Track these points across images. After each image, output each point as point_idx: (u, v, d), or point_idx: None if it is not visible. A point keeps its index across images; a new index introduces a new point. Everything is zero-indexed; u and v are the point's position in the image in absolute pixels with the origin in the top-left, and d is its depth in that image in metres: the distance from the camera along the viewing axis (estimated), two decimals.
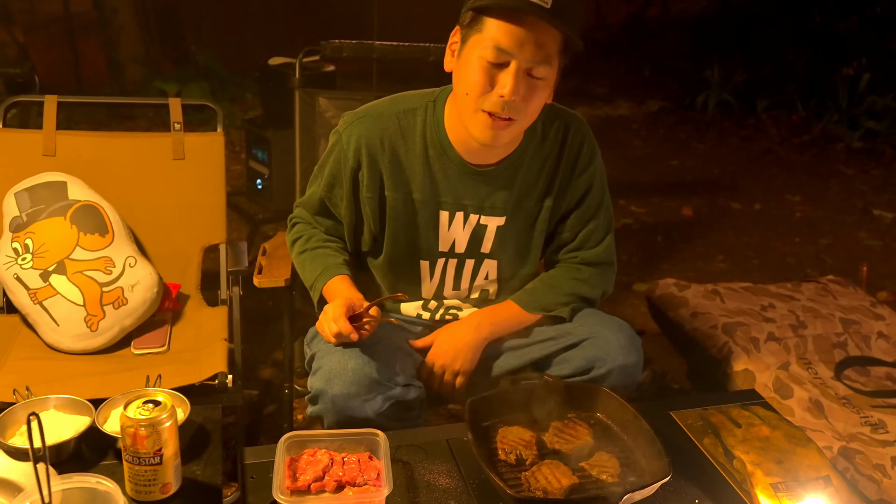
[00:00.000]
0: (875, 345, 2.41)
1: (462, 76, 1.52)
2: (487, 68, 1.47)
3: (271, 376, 2.69)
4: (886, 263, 3.87)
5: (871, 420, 2.06)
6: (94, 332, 1.97)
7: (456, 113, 1.59)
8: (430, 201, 1.67)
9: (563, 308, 1.73)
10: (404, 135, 1.64)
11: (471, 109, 1.52)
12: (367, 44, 2.36)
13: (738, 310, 2.47)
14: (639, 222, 4.29)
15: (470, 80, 1.49)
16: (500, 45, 1.44)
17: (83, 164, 2.18)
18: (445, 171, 1.65)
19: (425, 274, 1.76)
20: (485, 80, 1.47)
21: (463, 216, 1.69)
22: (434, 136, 1.64)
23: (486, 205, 1.69)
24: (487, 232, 1.72)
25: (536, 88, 1.50)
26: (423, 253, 1.73)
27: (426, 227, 1.70)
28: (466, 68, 1.50)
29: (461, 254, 1.74)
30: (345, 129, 1.66)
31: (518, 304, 1.75)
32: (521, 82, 1.47)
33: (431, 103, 1.66)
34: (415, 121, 1.65)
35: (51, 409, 1.45)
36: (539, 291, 1.76)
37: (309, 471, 1.36)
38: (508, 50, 1.44)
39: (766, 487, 1.39)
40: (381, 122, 1.64)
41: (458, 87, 1.54)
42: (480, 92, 1.48)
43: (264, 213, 3.91)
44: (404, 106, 1.66)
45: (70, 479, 1.20)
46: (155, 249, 2.21)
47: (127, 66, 5.69)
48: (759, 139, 5.85)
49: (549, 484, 1.36)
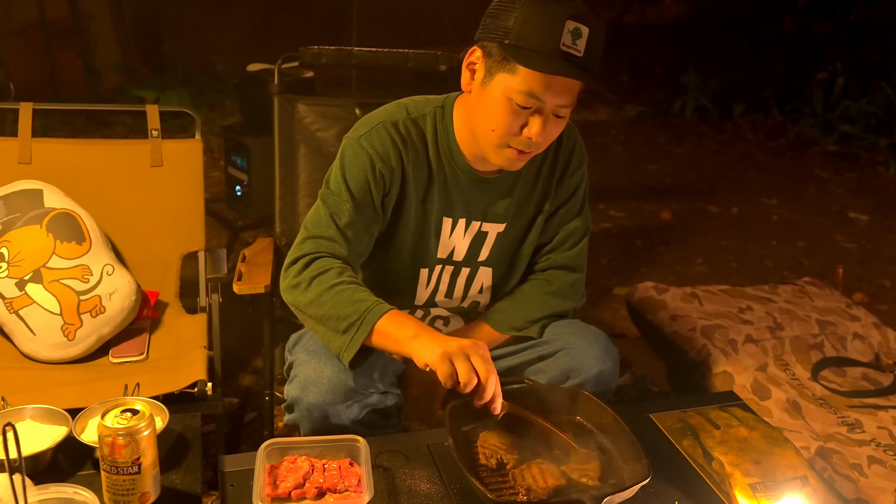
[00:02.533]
0: (851, 345, 2.44)
1: (488, 111, 1.50)
2: (518, 111, 1.47)
3: (252, 383, 2.68)
4: (862, 265, 3.92)
5: (847, 420, 2.08)
6: (72, 341, 1.95)
7: (465, 123, 1.59)
8: (439, 208, 1.66)
9: (533, 327, 1.73)
10: (418, 141, 1.62)
11: (494, 144, 1.52)
12: (346, 50, 2.36)
13: (717, 312, 2.49)
14: (618, 226, 4.31)
15: (498, 121, 1.49)
16: (533, 93, 1.44)
17: (59, 171, 2.17)
18: (455, 178, 1.65)
19: (423, 281, 1.75)
20: (514, 122, 1.48)
21: (465, 223, 1.69)
22: (444, 143, 1.63)
23: (489, 211, 1.69)
24: (487, 239, 1.72)
25: (560, 124, 1.52)
26: (424, 260, 1.72)
27: (431, 234, 1.69)
28: (493, 106, 1.49)
29: (458, 262, 1.74)
30: (362, 136, 1.60)
31: (488, 324, 1.75)
32: (549, 124, 1.49)
33: (440, 109, 1.64)
34: (426, 127, 1.63)
35: (27, 420, 1.43)
36: (509, 310, 1.76)
37: (289, 478, 1.35)
38: (541, 97, 1.44)
39: (745, 488, 1.40)
40: (396, 129, 1.61)
41: (482, 121, 1.52)
42: (507, 131, 1.49)
43: (244, 220, 3.89)
44: (415, 112, 1.64)
45: (47, 490, 1.19)
46: (133, 257, 2.20)
47: (104, 73, 5.64)
48: (737, 143, 5.91)
49: (535, 483, 1.37)
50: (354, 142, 1.60)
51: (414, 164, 1.62)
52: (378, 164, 1.58)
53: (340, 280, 1.51)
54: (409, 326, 1.45)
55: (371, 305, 1.47)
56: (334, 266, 1.53)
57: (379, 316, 1.46)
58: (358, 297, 1.49)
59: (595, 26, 1.42)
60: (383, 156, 1.58)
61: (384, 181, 1.59)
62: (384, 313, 1.47)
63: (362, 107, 2.32)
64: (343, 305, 1.48)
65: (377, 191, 1.59)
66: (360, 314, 1.47)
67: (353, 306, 1.47)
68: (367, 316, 1.46)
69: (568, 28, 1.39)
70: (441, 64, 2.35)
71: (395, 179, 1.61)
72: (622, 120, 6.35)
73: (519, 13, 1.42)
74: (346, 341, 1.48)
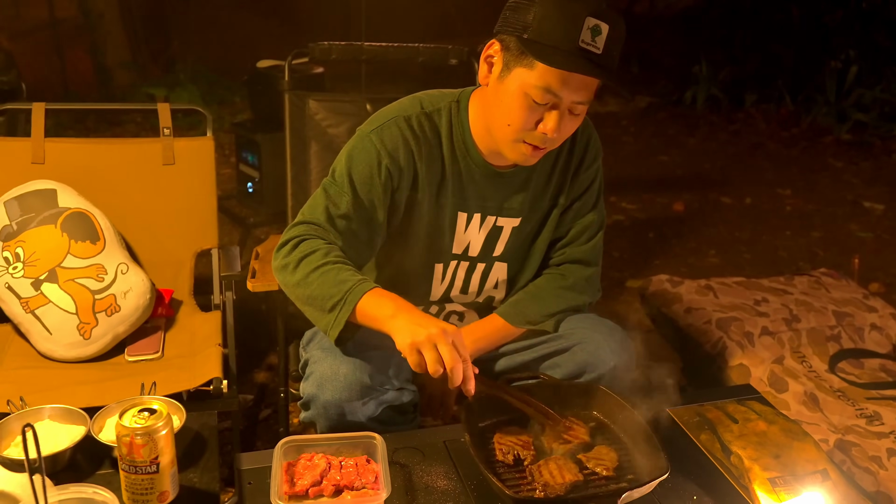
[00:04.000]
0: (868, 337, 2.42)
1: (504, 106, 1.50)
2: (534, 106, 1.46)
3: (266, 380, 2.68)
4: (878, 255, 3.89)
5: (866, 412, 2.07)
6: (87, 340, 1.96)
7: (481, 118, 1.58)
8: (453, 203, 1.66)
9: (549, 321, 1.72)
10: (432, 136, 1.62)
11: (510, 139, 1.52)
12: (356, 45, 2.36)
13: (732, 305, 2.48)
14: (630, 219, 4.30)
15: (514, 115, 1.48)
16: (550, 89, 1.43)
17: (72, 171, 2.17)
18: (470, 173, 1.64)
19: (437, 276, 1.75)
20: (530, 117, 1.47)
21: (480, 217, 1.68)
22: (459, 138, 1.63)
23: (504, 206, 1.68)
24: (503, 234, 1.71)
25: (576, 120, 1.52)
26: (439, 255, 1.71)
27: (446, 229, 1.68)
28: (510, 100, 1.48)
29: (474, 257, 1.73)
30: (373, 131, 1.59)
31: (503, 318, 1.74)
32: (565, 120, 1.48)
33: (455, 104, 1.63)
34: (440, 122, 1.63)
35: (45, 419, 1.44)
36: (524, 304, 1.75)
37: (307, 475, 1.35)
38: (558, 93, 1.44)
39: (764, 482, 1.39)
40: (409, 124, 1.60)
41: (498, 115, 1.52)
42: (523, 126, 1.48)
43: (256, 217, 3.90)
44: (429, 107, 1.63)
45: (66, 490, 1.19)
46: (147, 256, 2.20)
47: (114, 72, 5.66)
48: (749, 133, 5.87)
49: (553, 479, 1.36)
50: (365, 136, 1.60)
51: (427, 160, 1.61)
52: (385, 161, 1.57)
53: (326, 261, 1.51)
54: (388, 305, 1.44)
55: (353, 285, 1.47)
56: (321, 247, 1.53)
57: (361, 295, 1.46)
58: (342, 277, 1.49)
59: (615, 24, 1.41)
60: (392, 152, 1.58)
61: (391, 177, 1.59)
62: (366, 292, 1.46)
63: (373, 102, 2.31)
64: (328, 286, 1.49)
65: (382, 187, 1.58)
66: (343, 294, 1.47)
67: (337, 286, 1.48)
68: (349, 296, 1.47)
69: (588, 25, 1.38)
70: (451, 58, 2.34)
71: (405, 176, 1.60)
72: (633, 111, 6.31)
73: (539, 8, 1.41)
74: (331, 320, 1.49)
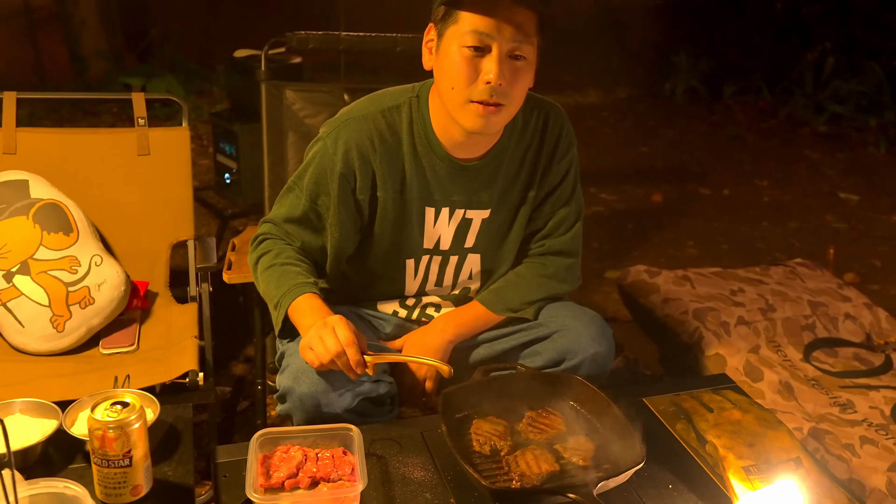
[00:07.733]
0: (843, 326, 2.45)
1: (444, 70, 1.51)
2: (470, 57, 1.46)
3: (244, 372, 2.67)
4: (852, 245, 3.93)
5: (839, 400, 2.09)
6: (61, 333, 1.93)
7: (441, 108, 1.57)
8: (419, 198, 1.65)
9: (529, 308, 1.73)
10: (391, 133, 1.61)
11: (458, 102, 1.51)
12: (334, 35, 2.34)
13: (709, 295, 2.50)
14: (609, 209, 4.31)
15: (453, 73, 1.48)
16: (478, 29, 1.44)
17: (45, 161, 2.14)
18: (433, 168, 1.63)
19: (410, 272, 1.75)
20: (469, 70, 1.47)
21: (449, 211, 1.68)
22: (421, 133, 1.62)
23: (473, 199, 1.68)
24: (472, 226, 1.71)
25: (520, 71, 1.50)
26: (409, 251, 1.71)
27: (414, 225, 1.68)
28: (448, 62, 1.49)
29: (446, 250, 1.73)
30: (329, 135, 1.61)
31: (483, 305, 1.74)
32: (505, 66, 1.47)
33: (415, 99, 1.63)
34: (400, 118, 1.62)
35: (16, 413, 1.42)
36: (504, 291, 1.75)
37: (282, 468, 1.35)
38: (488, 33, 1.44)
39: (739, 470, 1.40)
40: (366, 123, 1.60)
41: (443, 83, 1.52)
42: (466, 82, 1.48)
43: (233, 208, 3.86)
44: (387, 104, 1.63)
45: (37, 485, 1.17)
46: (121, 247, 2.18)
47: (90, 61, 5.58)
48: (727, 125, 5.91)
49: (529, 469, 1.37)
50: (320, 140, 1.63)
51: (385, 159, 1.61)
52: (339, 166, 1.60)
53: (274, 262, 1.64)
54: (308, 316, 1.54)
55: (288, 289, 1.58)
56: (274, 248, 1.66)
57: (292, 300, 1.57)
58: (283, 280, 1.60)
59: None
60: (346, 154, 1.59)
61: (346, 181, 1.61)
62: (297, 297, 1.57)
63: (351, 92, 2.30)
64: (272, 286, 1.62)
65: (337, 191, 1.61)
66: (279, 298, 1.60)
67: (278, 289, 1.60)
68: (283, 300, 1.59)
69: None
70: None
71: (362, 177, 1.61)
72: (612, 102, 6.33)
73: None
74: (276, 317, 1.62)
